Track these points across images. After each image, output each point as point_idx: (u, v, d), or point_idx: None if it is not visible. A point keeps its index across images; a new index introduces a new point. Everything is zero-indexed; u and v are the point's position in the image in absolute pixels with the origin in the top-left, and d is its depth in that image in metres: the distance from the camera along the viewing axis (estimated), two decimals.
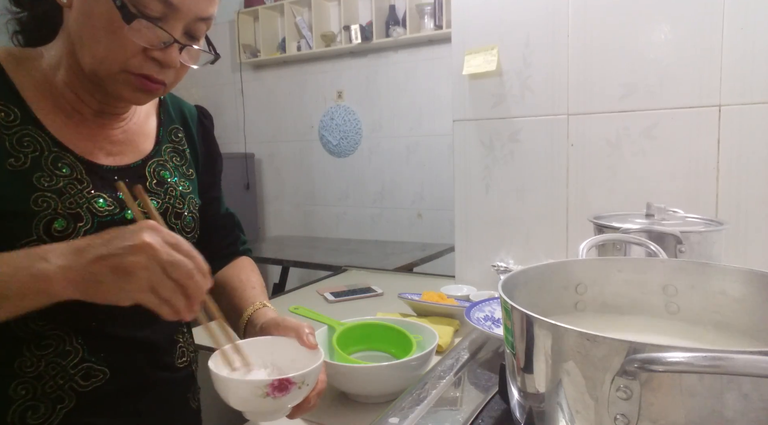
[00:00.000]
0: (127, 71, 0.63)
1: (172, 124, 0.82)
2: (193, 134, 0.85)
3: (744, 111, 1.12)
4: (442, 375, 0.83)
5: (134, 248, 0.53)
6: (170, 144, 0.80)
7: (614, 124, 1.26)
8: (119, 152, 0.72)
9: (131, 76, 0.63)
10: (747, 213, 1.13)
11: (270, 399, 0.60)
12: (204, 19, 0.65)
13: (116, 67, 0.62)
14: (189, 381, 0.81)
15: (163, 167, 0.76)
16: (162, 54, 0.63)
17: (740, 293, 0.56)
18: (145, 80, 0.64)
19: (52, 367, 0.65)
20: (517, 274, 0.58)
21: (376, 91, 3.27)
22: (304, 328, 0.70)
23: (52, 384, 0.65)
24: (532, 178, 1.38)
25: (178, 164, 0.79)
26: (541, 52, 1.33)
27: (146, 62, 0.63)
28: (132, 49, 0.61)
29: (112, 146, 0.72)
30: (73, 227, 0.63)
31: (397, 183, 3.27)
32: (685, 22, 1.16)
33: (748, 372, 0.33)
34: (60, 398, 0.65)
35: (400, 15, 3.04)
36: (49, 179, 0.63)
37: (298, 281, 2.97)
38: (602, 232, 0.87)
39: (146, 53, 0.62)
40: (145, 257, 0.53)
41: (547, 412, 0.45)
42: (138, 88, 0.65)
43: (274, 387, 0.59)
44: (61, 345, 0.65)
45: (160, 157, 0.77)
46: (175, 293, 0.54)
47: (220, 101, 3.90)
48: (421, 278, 1.86)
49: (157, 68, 0.64)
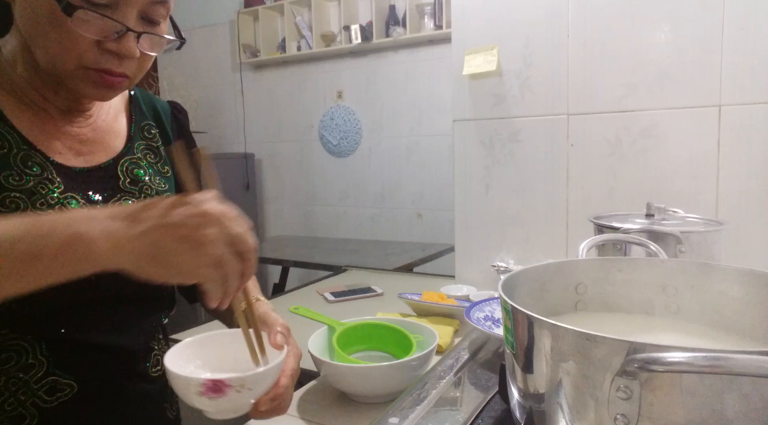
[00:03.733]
0: (83, 67, 0.58)
1: (144, 120, 0.77)
2: (167, 130, 0.80)
3: (744, 111, 1.12)
4: (442, 375, 0.83)
5: (208, 217, 0.48)
6: (143, 141, 0.75)
7: (614, 124, 1.26)
8: (89, 152, 0.68)
9: (89, 72, 0.59)
10: (747, 213, 1.13)
11: (205, 399, 0.55)
12: (161, 2, 0.60)
13: (71, 64, 0.58)
14: (165, 390, 0.75)
15: (136, 166, 0.72)
16: (117, 45, 0.58)
17: (740, 293, 0.56)
18: (105, 75, 0.60)
19: (13, 382, 0.60)
20: (517, 274, 0.58)
21: (376, 91, 3.27)
22: (276, 326, 0.65)
23: (13, 400, 0.60)
24: (532, 178, 1.38)
25: (153, 161, 0.75)
26: (541, 52, 1.33)
27: (102, 55, 0.58)
28: (83, 43, 0.57)
29: (81, 145, 0.68)
30: None
31: (397, 183, 3.27)
32: (685, 22, 1.16)
33: (748, 372, 0.33)
34: (21, 416, 0.60)
35: (400, 15, 3.04)
36: (18, 179, 0.59)
37: (298, 281, 2.97)
38: (602, 232, 0.87)
39: (100, 46, 0.58)
40: (216, 229, 0.48)
41: (547, 412, 0.45)
42: (99, 84, 0.60)
43: (208, 387, 0.55)
44: (23, 357, 0.60)
45: (133, 155, 0.73)
46: (235, 272, 0.50)
47: (220, 101, 3.90)
48: (421, 278, 1.86)
49: (116, 61, 0.59)
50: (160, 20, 0.62)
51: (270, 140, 3.76)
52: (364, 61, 3.28)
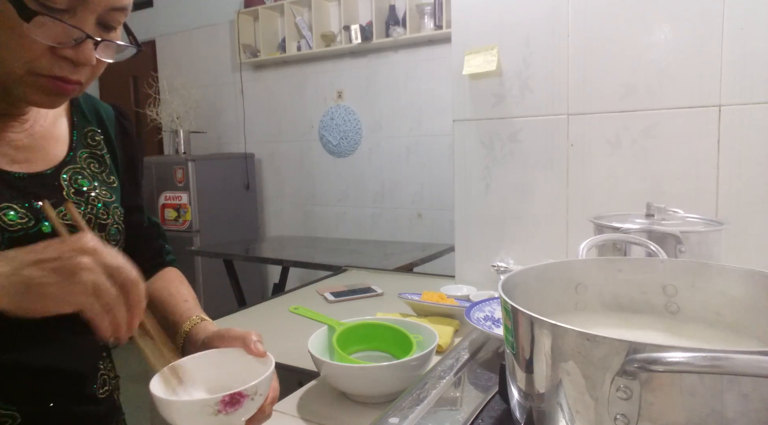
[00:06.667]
0: (34, 73, 0.55)
1: (88, 126, 0.73)
2: (111, 136, 0.75)
3: (744, 111, 1.12)
4: (442, 375, 0.83)
5: (78, 250, 0.49)
6: (86, 149, 0.71)
7: (614, 124, 1.26)
8: (25, 159, 0.64)
9: (40, 79, 0.56)
10: (747, 213, 1.13)
11: (222, 416, 0.56)
12: (120, 9, 0.58)
13: (20, 70, 0.55)
14: (113, 411, 0.73)
15: (80, 175, 0.68)
16: (74, 52, 0.55)
17: (740, 293, 0.56)
18: (58, 82, 0.57)
19: None
20: (517, 274, 0.58)
21: (376, 91, 3.27)
22: (251, 336, 0.64)
23: None
24: (532, 178, 1.38)
25: (97, 171, 0.71)
26: (541, 52, 1.33)
27: (56, 62, 0.55)
28: (37, 48, 0.54)
29: (16, 152, 0.63)
30: None
31: (397, 183, 3.27)
32: (685, 23, 1.16)
33: (748, 372, 0.33)
34: None
35: (400, 15, 3.04)
36: None
37: (298, 281, 2.97)
38: (602, 232, 0.87)
39: (55, 52, 0.55)
40: (90, 258, 0.49)
41: (547, 412, 0.45)
42: (50, 91, 0.57)
43: (226, 402, 0.56)
44: None
45: (76, 164, 0.68)
46: (118, 301, 0.51)
47: (220, 101, 3.90)
48: (421, 278, 1.86)
49: (71, 67, 0.57)
50: (116, 26, 0.60)
51: (270, 140, 3.76)
52: (364, 61, 3.28)
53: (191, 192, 3.35)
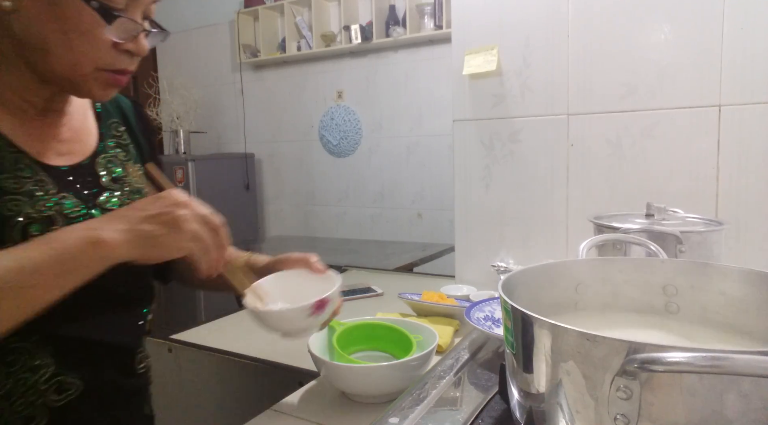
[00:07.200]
0: (99, 69, 0.62)
1: (111, 118, 0.79)
2: (132, 126, 0.82)
3: (744, 111, 1.12)
4: (442, 375, 0.83)
5: (178, 205, 0.59)
6: (113, 139, 0.77)
7: (614, 124, 1.26)
8: (68, 151, 0.70)
9: (104, 73, 0.62)
10: (747, 213, 1.13)
11: (312, 318, 0.72)
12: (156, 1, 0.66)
13: (89, 67, 0.61)
14: (146, 386, 0.80)
15: (112, 163, 0.75)
16: (134, 45, 0.63)
17: (740, 293, 0.56)
18: (117, 75, 0.63)
19: (22, 383, 0.61)
20: (517, 274, 0.58)
21: (376, 91, 3.27)
22: (311, 257, 0.79)
23: (23, 401, 0.62)
24: (532, 178, 1.38)
25: (124, 159, 0.77)
26: (541, 52, 1.33)
27: (118, 56, 0.62)
28: (104, 46, 0.60)
29: (60, 144, 0.69)
30: (48, 232, 0.60)
31: (397, 183, 3.27)
32: (685, 22, 1.16)
33: (748, 372, 0.33)
34: (31, 416, 0.62)
35: (400, 15, 3.04)
36: (15, 182, 0.61)
37: None
38: (602, 232, 0.87)
39: (117, 47, 0.61)
40: (188, 210, 0.59)
41: (547, 412, 0.45)
42: (110, 84, 0.64)
43: (316, 307, 0.71)
44: (29, 359, 0.62)
45: (107, 153, 0.75)
46: (213, 241, 0.61)
47: (220, 101, 3.90)
48: (421, 278, 1.86)
49: (128, 60, 0.64)
50: (152, 17, 0.66)
51: (270, 140, 3.76)
52: (364, 61, 3.27)
53: (191, 192, 3.35)
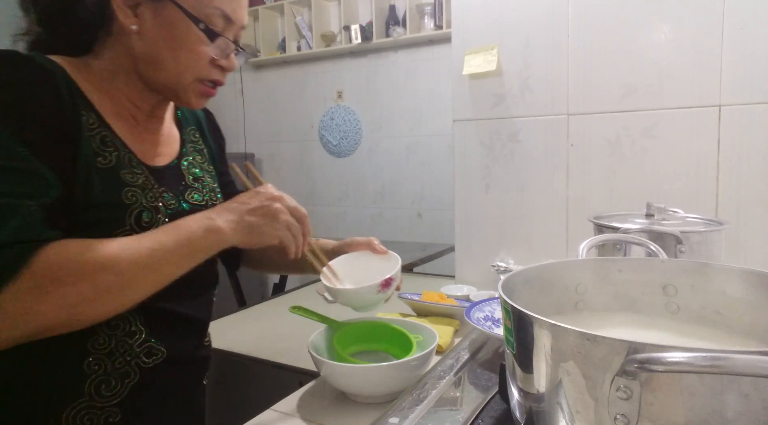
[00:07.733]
0: (198, 80, 0.74)
1: (189, 125, 0.90)
2: (205, 132, 0.93)
3: (744, 111, 1.12)
4: (442, 375, 0.83)
5: (274, 199, 0.74)
6: (191, 144, 0.88)
7: (614, 124, 1.26)
8: (161, 153, 0.80)
9: (201, 85, 0.75)
10: (747, 213, 1.13)
11: (380, 294, 0.85)
12: (244, 27, 0.78)
13: (190, 79, 0.73)
14: (209, 358, 0.89)
15: (193, 165, 0.85)
16: (227, 61, 0.76)
17: (740, 293, 0.56)
18: (209, 87, 0.76)
19: (121, 345, 0.71)
20: (517, 274, 0.58)
21: (376, 91, 3.27)
22: (374, 240, 0.95)
23: (121, 360, 0.71)
24: (532, 178, 1.38)
25: (200, 162, 0.88)
26: (541, 52, 1.33)
27: (214, 70, 0.75)
28: (204, 61, 0.73)
29: (156, 147, 0.80)
30: (154, 219, 0.72)
31: (397, 183, 3.27)
32: (685, 22, 1.16)
33: (748, 372, 0.33)
34: (127, 373, 0.72)
35: (400, 15, 3.04)
36: (131, 176, 0.72)
37: (298, 281, 2.96)
38: (602, 232, 0.87)
39: (213, 63, 0.74)
40: (281, 204, 0.74)
41: (547, 412, 0.45)
42: (204, 94, 0.76)
43: (383, 285, 0.84)
44: (127, 326, 0.72)
45: (188, 156, 0.85)
46: (299, 231, 0.77)
47: (220, 101, 3.90)
48: (421, 278, 1.86)
49: (221, 73, 0.76)
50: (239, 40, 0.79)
51: (270, 140, 3.76)
52: (364, 61, 3.27)
53: None
